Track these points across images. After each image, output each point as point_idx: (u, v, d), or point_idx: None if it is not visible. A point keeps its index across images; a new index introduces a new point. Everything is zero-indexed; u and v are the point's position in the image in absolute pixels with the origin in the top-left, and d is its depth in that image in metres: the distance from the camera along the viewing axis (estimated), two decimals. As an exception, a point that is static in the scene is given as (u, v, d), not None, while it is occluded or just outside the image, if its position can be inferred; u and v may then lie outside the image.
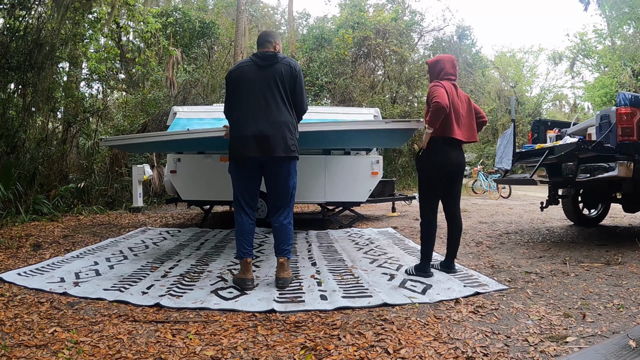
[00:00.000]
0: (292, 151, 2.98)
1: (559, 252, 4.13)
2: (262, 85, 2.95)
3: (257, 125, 2.92)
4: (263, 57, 3.00)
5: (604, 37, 20.03)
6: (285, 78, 2.97)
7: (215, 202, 6.37)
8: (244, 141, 2.96)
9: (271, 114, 2.93)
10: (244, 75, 3.01)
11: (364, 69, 16.13)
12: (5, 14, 7.35)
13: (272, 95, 2.95)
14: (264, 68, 2.98)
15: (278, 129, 2.93)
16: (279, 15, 26.92)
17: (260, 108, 2.94)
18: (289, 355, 1.98)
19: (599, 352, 1.91)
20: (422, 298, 2.78)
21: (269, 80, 2.95)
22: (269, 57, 2.99)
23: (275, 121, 2.93)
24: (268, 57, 2.99)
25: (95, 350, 2.01)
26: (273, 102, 2.95)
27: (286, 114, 2.98)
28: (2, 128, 7.08)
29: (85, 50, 9.56)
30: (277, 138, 2.92)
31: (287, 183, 3.05)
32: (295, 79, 3.01)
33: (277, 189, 3.06)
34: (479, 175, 12.96)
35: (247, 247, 3.04)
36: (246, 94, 2.98)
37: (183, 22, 12.18)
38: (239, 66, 3.10)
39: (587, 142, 3.93)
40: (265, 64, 2.98)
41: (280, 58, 3.00)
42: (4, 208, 6.25)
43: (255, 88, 2.96)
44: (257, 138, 2.91)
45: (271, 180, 3.06)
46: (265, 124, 2.92)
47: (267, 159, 2.96)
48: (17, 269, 3.49)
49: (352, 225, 6.22)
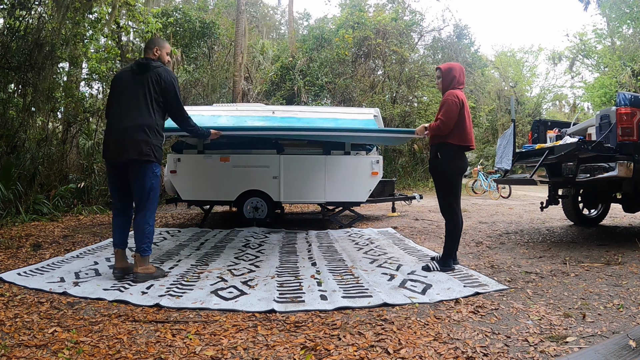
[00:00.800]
0: (146, 154, 3.09)
1: (559, 252, 4.13)
2: (131, 91, 3.14)
3: (118, 128, 3.12)
4: (138, 64, 3.20)
5: (604, 37, 20.02)
6: (155, 85, 3.13)
7: (215, 202, 6.38)
8: (106, 144, 3.20)
9: (132, 118, 3.09)
10: (121, 79, 3.23)
11: (364, 69, 16.14)
12: (6, 14, 7.36)
13: (137, 100, 3.11)
14: (137, 74, 3.17)
15: (135, 132, 3.06)
16: (279, 15, 26.93)
17: (123, 112, 3.13)
18: (289, 355, 1.98)
19: (599, 352, 1.91)
20: (422, 298, 2.78)
21: (138, 87, 3.13)
22: (144, 64, 3.18)
23: (134, 124, 3.07)
24: (142, 65, 3.18)
25: (95, 350, 2.01)
26: (135, 107, 3.10)
27: (148, 119, 3.10)
28: (2, 128, 7.08)
29: (85, 50, 9.55)
30: (132, 142, 3.06)
31: (142, 185, 3.15)
32: (165, 87, 3.16)
33: (135, 190, 3.20)
34: (479, 175, 12.96)
35: (116, 238, 3.29)
36: (117, 98, 3.21)
37: (183, 22, 12.18)
38: (122, 70, 3.37)
39: (587, 142, 3.93)
40: (139, 70, 3.17)
41: (154, 66, 3.17)
42: (4, 208, 6.25)
43: (125, 93, 3.16)
44: (116, 141, 3.11)
45: (130, 182, 3.21)
46: (124, 128, 3.09)
47: (125, 161, 3.11)
48: (17, 269, 3.49)
49: (352, 225, 6.22)
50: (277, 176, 5.86)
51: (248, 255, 4.17)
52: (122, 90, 3.17)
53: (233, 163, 5.86)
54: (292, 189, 5.90)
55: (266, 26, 22.69)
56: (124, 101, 3.13)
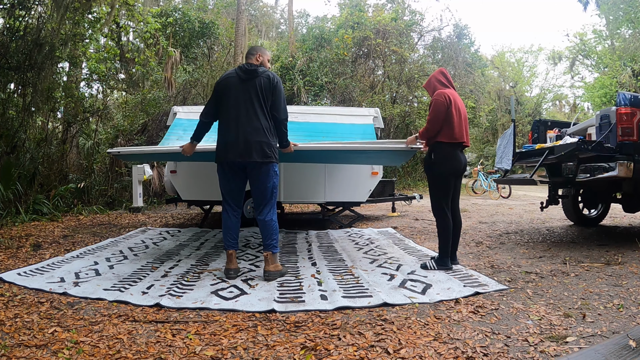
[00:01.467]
0: (268, 156, 3.22)
1: (559, 252, 4.13)
2: (243, 96, 3.24)
3: (237, 132, 3.20)
4: (245, 71, 3.28)
5: (604, 38, 20.03)
6: (265, 89, 3.23)
7: (215, 202, 6.37)
8: (225, 146, 3.26)
9: (250, 122, 3.20)
10: (229, 86, 3.29)
11: (364, 69, 16.13)
12: (5, 14, 7.35)
13: (252, 105, 3.21)
14: (245, 81, 3.26)
15: (256, 135, 3.19)
16: (279, 14, 26.93)
17: (240, 116, 3.22)
18: (289, 355, 1.98)
19: (599, 352, 1.91)
20: (422, 298, 2.78)
21: (250, 92, 3.23)
22: (251, 71, 3.27)
23: (253, 128, 3.19)
24: (250, 71, 3.27)
25: (95, 350, 2.01)
26: (252, 111, 3.20)
27: (264, 122, 3.23)
28: (2, 128, 7.08)
29: (85, 50, 9.55)
30: (255, 144, 3.18)
31: (265, 184, 3.27)
32: (274, 89, 3.26)
33: (258, 189, 3.30)
34: (479, 175, 12.96)
35: (230, 240, 3.36)
36: (230, 103, 3.27)
37: (183, 22, 12.17)
38: (226, 76, 3.37)
39: (587, 142, 3.93)
40: (246, 77, 3.25)
41: (261, 71, 3.26)
42: (4, 208, 6.25)
43: (238, 98, 3.25)
44: (237, 144, 3.20)
45: (252, 182, 3.31)
46: (244, 132, 3.19)
47: (247, 162, 3.22)
48: (17, 269, 3.49)
49: (352, 225, 6.22)
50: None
51: (248, 255, 4.17)
52: (234, 95, 3.24)
53: None
54: (292, 189, 5.90)
55: (265, 25, 22.67)
56: (238, 106, 3.23)
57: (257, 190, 3.30)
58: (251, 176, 3.28)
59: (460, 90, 16.61)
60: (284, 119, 3.34)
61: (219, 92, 3.32)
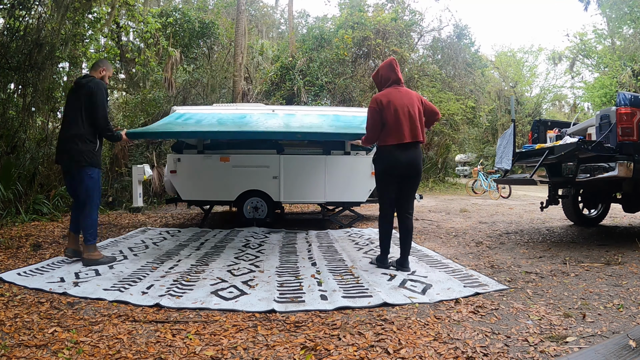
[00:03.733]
0: (78, 162, 3.62)
1: (559, 252, 4.13)
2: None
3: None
4: (76, 82, 3.77)
5: (604, 38, 20.02)
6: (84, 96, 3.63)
7: (215, 202, 6.38)
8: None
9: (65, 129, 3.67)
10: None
11: (364, 69, 16.11)
12: (5, 14, 7.35)
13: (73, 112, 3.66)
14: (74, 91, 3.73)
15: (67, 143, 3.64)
16: (279, 14, 26.92)
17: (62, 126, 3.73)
18: (289, 355, 1.98)
19: (599, 352, 1.91)
20: (422, 298, 2.78)
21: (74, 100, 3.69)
22: (79, 81, 3.73)
23: (67, 136, 3.64)
24: (78, 81, 3.74)
25: (95, 350, 2.01)
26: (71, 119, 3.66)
27: (78, 128, 3.61)
28: (2, 128, 7.08)
29: (85, 51, 9.55)
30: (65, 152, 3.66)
31: (80, 186, 3.70)
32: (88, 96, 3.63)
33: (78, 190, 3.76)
34: (479, 175, 12.96)
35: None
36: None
37: (183, 22, 12.17)
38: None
39: (587, 142, 3.93)
40: (75, 87, 3.74)
41: (85, 80, 3.69)
42: (4, 208, 6.25)
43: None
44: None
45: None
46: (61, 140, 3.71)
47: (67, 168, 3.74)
48: (17, 269, 3.49)
49: (352, 225, 6.22)
50: (277, 176, 5.86)
51: (248, 255, 4.17)
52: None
53: (233, 163, 5.86)
54: (292, 189, 5.90)
55: (265, 25, 22.66)
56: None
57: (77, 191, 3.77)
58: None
59: (460, 90, 16.62)
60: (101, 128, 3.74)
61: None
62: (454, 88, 16.47)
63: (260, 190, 5.91)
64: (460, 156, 30.02)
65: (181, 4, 14.71)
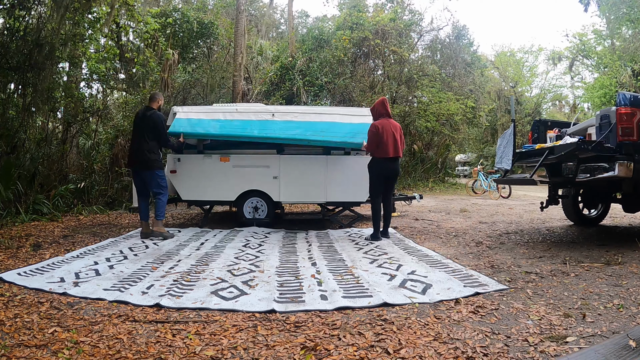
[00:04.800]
0: (150, 167, 4.98)
1: (559, 252, 4.13)
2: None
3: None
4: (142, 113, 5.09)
5: (604, 38, 20.02)
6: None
7: (215, 202, 6.38)
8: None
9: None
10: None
11: (364, 69, 16.11)
12: (5, 14, 7.35)
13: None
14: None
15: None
16: (279, 14, 26.92)
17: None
18: (289, 355, 1.98)
19: (599, 352, 1.91)
20: (422, 298, 2.78)
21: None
22: (144, 113, 5.07)
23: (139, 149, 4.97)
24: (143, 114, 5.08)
25: (95, 350, 2.01)
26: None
27: (147, 144, 4.96)
28: (2, 128, 7.07)
29: (85, 50, 9.54)
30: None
31: (152, 183, 5.05)
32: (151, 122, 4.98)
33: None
34: (479, 175, 12.96)
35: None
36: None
37: (182, 23, 12.16)
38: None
39: (587, 142, 3.93)
40: (142, 116, 5.05)
41: (150, 113, 5.02)
42: (4, 208, 6.25)
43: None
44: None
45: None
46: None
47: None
48: (17, 269, 3.49)
49: (352, 225, 6.22)
50: (277, 176, 5.86)
51: (248, 255, 4.17)
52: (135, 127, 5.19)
53: (233, 163, 5.86)
54: (292, 189, 5.90)
55: (265, 25, 22.66)
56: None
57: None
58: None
59: (460, 90, 16.64)
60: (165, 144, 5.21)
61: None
62: (454, 88, 16.48)
63: (260, 190, 5.91)
64: (460, 156, 30.03)
65: (180, 4, 14.71)
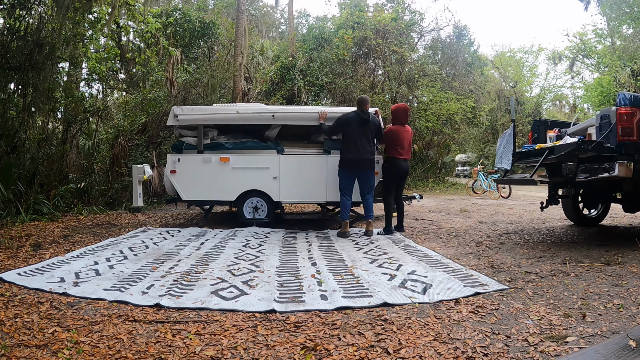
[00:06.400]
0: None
1: (559, 252, 4.13)
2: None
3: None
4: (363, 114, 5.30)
5: (604, 37, 20.01)
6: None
7: (215, 202, 6.37)
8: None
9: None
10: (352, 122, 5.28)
11: (364, 69, 16.10)
12: (6, 14, 7.35)
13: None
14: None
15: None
16: (279, 14, 26.92)
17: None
18: (289, 355, 1.98)
19: (599, 352, 1.91)
20: (422, 298, 2.78)
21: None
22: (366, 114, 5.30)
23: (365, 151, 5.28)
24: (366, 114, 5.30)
25: (95, 350, 2.01)
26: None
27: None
28: (2, 128, 7.08)
29: (85, 50, 9.55)
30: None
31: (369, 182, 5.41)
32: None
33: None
34: (479, 175, 12.95)
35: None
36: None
37: (183, 22, 12.16)
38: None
39: (587, 142, 3.92)
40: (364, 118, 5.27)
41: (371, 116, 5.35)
42: (4, 208, 6.25)
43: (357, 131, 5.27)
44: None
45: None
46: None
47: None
48: (17, 269, 3.49)
49: (352, 225, 6.22)
50: (277, 176, 5.86)
51: (248, 255, 4.17)
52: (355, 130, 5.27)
53: (233, 163, 5.86)
54: (292, 189, 5.90)
55: (265, 25, 22.66)
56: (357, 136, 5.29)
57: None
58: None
59: (460, 90, 16.64)
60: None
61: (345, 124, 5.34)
62: (454, 88, 16.47)
63: (260, 190, 5.91)
64: (461, 156, 30.02)
65: (181, 4, 14.70)
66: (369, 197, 5.35)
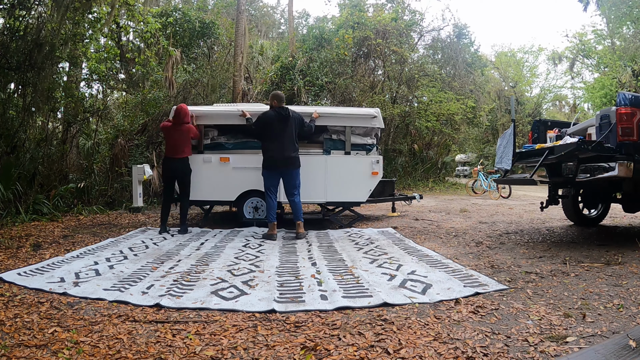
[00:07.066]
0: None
1: (559, 252, 4.13)
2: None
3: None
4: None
5: (604, 38, 20.01)
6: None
7: (215, 202, 6.37)
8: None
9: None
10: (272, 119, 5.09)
11: (364, 69, 16.11)
12: (5, 14, 7.35)
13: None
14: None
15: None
16: (279, 14, 26.93)
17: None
18: (289, 355, 1.98)
19: (599, 352, 1.91)
20: (422, 298, 2.78)
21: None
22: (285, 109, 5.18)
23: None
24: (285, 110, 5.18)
25: (95, 350, 2.01)
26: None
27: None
28: (2, 128, 7.07)
29: (85, 50, 9.54)
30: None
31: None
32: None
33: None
34: (479, 175, 12.95)
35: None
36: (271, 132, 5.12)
37: (183, 22, 12.16)
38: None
39: (587, 142, 3.92)
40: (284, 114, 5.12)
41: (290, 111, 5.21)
42: (4, 208, 6.25)
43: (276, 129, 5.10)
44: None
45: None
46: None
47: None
48: (17, 269, 3.49)
49: (352, 225, 6.22)
50: None
51: (248, 255, 4.17)
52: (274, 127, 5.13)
53: (233, 163, 5.86)
54: None
55: (265, 25, 22.66)
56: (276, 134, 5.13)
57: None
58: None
59: (460, 90, 16.64)
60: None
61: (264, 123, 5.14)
62: (454, 88, 16.47)
63: (261, 191, 5.91)
64: (461, 156, 30.02)
65: (181, 4, 14.70)
66: (296, 197, 5.16)
